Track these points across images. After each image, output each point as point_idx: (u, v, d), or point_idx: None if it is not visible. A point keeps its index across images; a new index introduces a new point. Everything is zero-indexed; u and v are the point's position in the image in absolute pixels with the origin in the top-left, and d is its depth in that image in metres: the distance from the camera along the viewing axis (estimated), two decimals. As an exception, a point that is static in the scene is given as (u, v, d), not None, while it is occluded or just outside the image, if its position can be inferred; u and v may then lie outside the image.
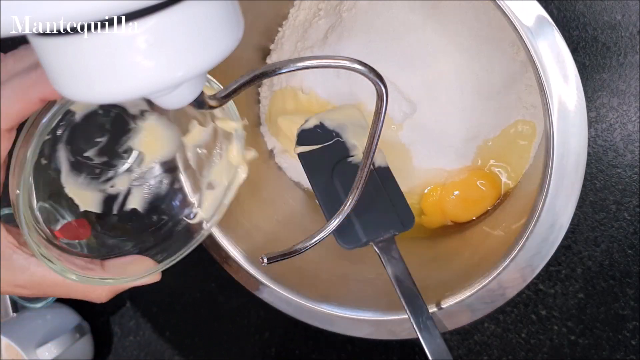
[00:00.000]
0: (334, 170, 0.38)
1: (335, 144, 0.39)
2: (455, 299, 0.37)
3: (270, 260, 0.33)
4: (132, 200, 0.35)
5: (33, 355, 0.53)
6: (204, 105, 0.23)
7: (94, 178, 0.34)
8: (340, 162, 0.38)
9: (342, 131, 0.39)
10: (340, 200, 0.36)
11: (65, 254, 0.32)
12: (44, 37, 0.19)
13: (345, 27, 0.44)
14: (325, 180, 0.38)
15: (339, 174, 0.38)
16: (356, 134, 0.39)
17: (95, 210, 0.34)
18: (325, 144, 0.38)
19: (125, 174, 0.35)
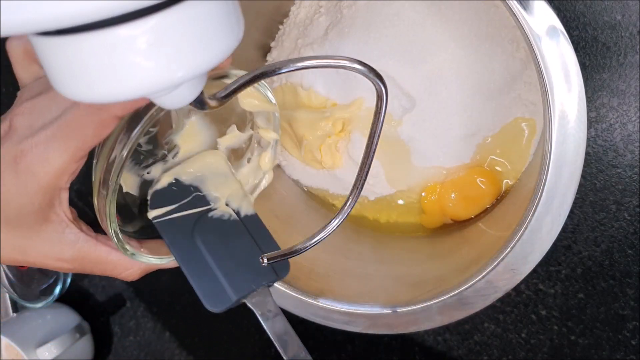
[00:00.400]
0: (194, 230, 0.35)
1: (193, 200, 0.35)
2: (451, 293, 0.38)
3: (270, 260, 0.33)
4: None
5: (33, 355, 0.53)
6: (204, 105, 0.23)
7: (137, 163, 0.35)
8: (201, 219, 0.35)
9: (201, 184, 0.35)
10: (205, 262, 0.34)
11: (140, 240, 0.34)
12: (44, 37, 0.19)
13: (345, 24, 0.44)
14: (188, 244, 0.34)
15: (200, 234, 0.34)
16: (217, 184, 0.36)
17: (133, 193, 0.35)
18: (182, 202, 0.35)
19: (160, 163, 0.36)
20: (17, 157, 0.27)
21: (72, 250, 0.30)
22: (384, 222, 0.48)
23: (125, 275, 0.33)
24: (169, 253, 0.34)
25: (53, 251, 0.30)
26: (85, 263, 0.31)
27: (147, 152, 0.35)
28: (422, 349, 0.51)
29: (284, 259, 0.33)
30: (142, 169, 0.35)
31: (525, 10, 0.32)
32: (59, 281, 0.59)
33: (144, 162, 0.35)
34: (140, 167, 0.35)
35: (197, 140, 0.36)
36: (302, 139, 0.45)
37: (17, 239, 0.29)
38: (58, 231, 0.30)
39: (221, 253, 0.34)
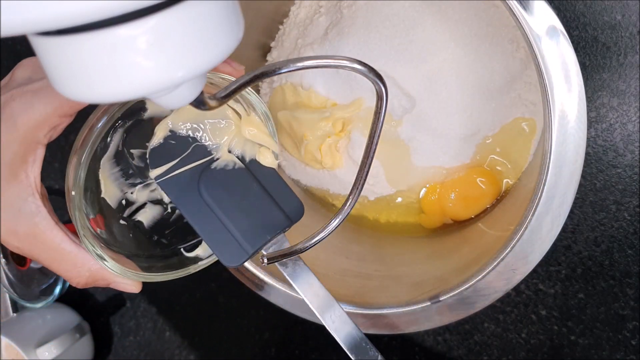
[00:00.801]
0: (200, 185, 0.33)
1: (193, 151, 0.33)
2: (451, 293, 0.38)
3: (270, 260, 0.33)
4: (143, 214, 0.36)
5: (33, 355, 0.53)
6: (203, 105, 0.23)
7: (123, 176, 0.34)
8: (204, 172, 0.33)
9: (197, 132, 0.34)
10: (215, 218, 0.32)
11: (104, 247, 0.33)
12: (44, 37, 0.19)
13: (345, 24, 0.44)
14: (194, 200, 0.33)
15: (205, 187, 0.33)
16: (215, 131, 0.34)
17: (110, 204, 0.34)
18: (182, 156, 0.33)
19: (147, 188, 0.35)
20: (5, 103, 0.27)
21: (28, 224, 0.29)
22: (384, 222, 0.48)
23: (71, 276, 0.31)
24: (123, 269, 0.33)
25: (8, 220, 0.29)
26: (36, 244, 0.30)
27: (137, 169, 0.34)
28: (422, 349, 0.51)
29: (284, 259, 0.33)
30: (127, 186, 0.34)
31: (525, 10, 0.32)
32: (59, 281, 0.59)
33: (130, 179, 0.35)
34: (126, 182, 0.34)
35: None
36: (302, 139, 0.45)
37: None
38: (21, 197, 0.29)
39: (230, 206, 0.33)
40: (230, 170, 0.34)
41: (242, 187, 0.33)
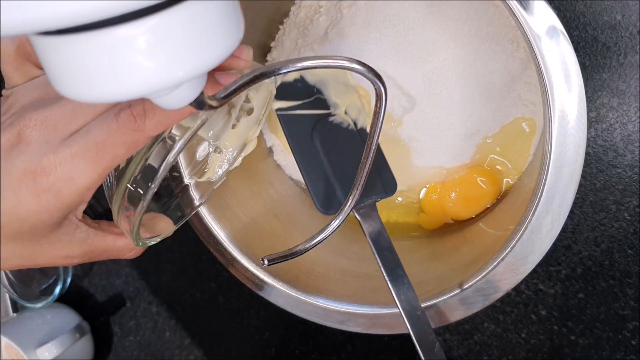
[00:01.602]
0: (314, 130, 0.36)
1: (315, 101, 0.36)
2: (451, 293, 0.38)
3: (270, 262, 0.33)
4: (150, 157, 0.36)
5: (33, 355, 0.53)
6: (203, 105, 0.23)
7: None
8: (321, 122, 0.36)
9: (323, 87, 0.37)
10: (320, 164, 0.34)
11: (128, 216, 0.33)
12: (44, 37, 0.19)
13: (345, 24, 0.44)
14: (306, 142, 0.35)
15: (319, 135, 0.36)
16: (338, 92, 0.37)
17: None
18: (305, 100, 0.36)
19: None
20: (36, 174, 0.25)
21: (82, 247, 0.30)
22: (384, 222, 0.48)
23: (130, 255, 0.33)
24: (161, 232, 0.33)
25: (63, 252, 0.29)
26: (94, 255, 0.31)
27: None
28: (422, 349, 0.51)
29: (284, 260, 0.33)
30: None
31: (525, 10, 0.32)
32: (59, 281, 0.59)
33: None
34: None
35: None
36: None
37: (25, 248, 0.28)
38: (69, 233, 0.29)
39: (337, 158, 0.35)
40: (344, 128, 0.36)
41: (350, 146, 0.35)
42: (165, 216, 0.35)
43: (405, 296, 0.34)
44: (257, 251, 0.43)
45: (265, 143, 0.50)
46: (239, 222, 0.44)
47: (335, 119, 0.36)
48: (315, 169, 0.34)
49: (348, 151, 0.35)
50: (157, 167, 0.28)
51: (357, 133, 0.37)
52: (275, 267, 0.41)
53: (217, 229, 0.42)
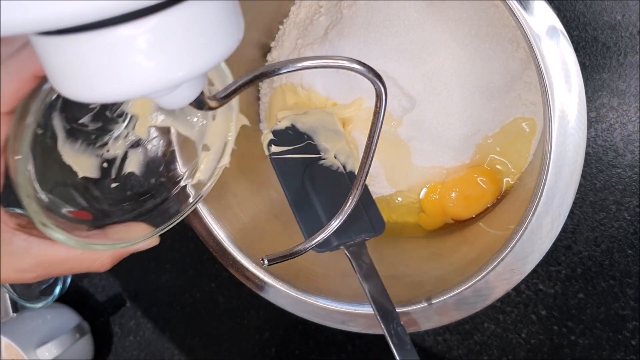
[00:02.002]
0: (305, 173, 0.38)
1: (306, 147, 0.38)
2: (451, 293, 0.38)
3: (270, 262, 0.33)
4: (130, 164, 0.35)
5: (33, 355, 0.53)
6: (203, 105, 0.23)
7: (90, 144, 0.34)
8: (311, 165, 0.38)
9: (313, 134, 0.39)
10: (311, 204, 0.36)
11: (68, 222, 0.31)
12: (44, 37, 0.19)
13: (345, 24, 0.44)
14: (297, 183, 0.37)
15: (309, 177, 0.37)
16: (328, 138, 0.39)
17: (93, 176, 0.34)
18: (296, 146, 0.38)
19: (121, 138, 0.35)
20: None
21: (27, 258, 0.29)
22: (383, 222, 0.48)
23: (97, 267, 0.31)
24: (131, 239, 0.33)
25: (10, 265, 0.28)
26: (48, 267, 0.30)
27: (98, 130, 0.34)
28: (422, 349, 0.51)
29: (284, 260, 0.33)
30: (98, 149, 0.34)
31: (525, 10, 0.32)
32: (59, 281, 0.59)
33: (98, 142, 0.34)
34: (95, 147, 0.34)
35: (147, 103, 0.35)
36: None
37: None
38: (7, 243, 0.28)
39: (327, 198, 0.36)
40: (333, 170, 0.38)
41: (339, 188, 0.37)
42: (138, 223, 0.34)
43: (395, 331, 0.35)
44: (257, 251, 0.43)
45: (265, 143, 0.50)
46: (239, 222, 0.44)
47: (325, 162, 0.38)
48: (306, 209, 0.35)
49: (337, 192, 0.36)
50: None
51: (345, 175, 0.38)
52: (275, 267, 0.42)
53: (217, 229, 0.42)
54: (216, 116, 0.35)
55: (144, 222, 0.34)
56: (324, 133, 0.39)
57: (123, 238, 0.33)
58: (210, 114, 0.36)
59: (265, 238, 0.45)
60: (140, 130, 0.35)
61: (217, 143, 0.36)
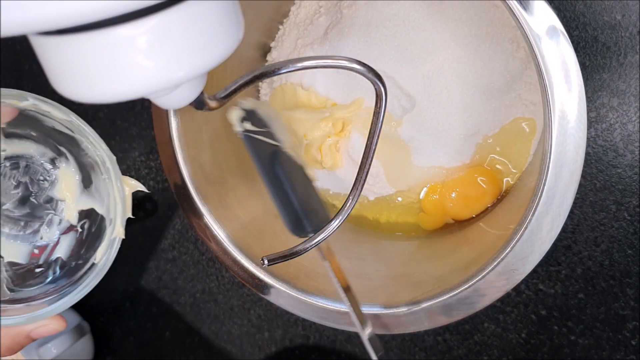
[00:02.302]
0: (275, 158, 0.36)
1: (268, 133, 0.37)
2: (451, 293, 0.38)
3: (270, 262, 0.33)
4: (59, 249, 0.35)
5: (33, 355, 0.53)
6: (203, 105, 0.23)
7: (20, 230, 0.34)
8: (278, 151, 0.37)
9: (271, 123, 0.38)
10: (284, 187, 0.35)
11: None
12: (44, 37, 0.19)
13: (345, 24, 0.44)
14: (269, 167, 0.36)
15: (278, 162, 0.36)
16: (282, 131, 0.38)
17: (21, 262, 0.34)
18: (263, 129, 0.37)
19: (54, 224, 0.35)
20: None
21: None
22: (384, 222, 0.48)
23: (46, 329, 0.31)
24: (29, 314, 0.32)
25: None
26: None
27: (26, 216, 0.34)
28: (422, 349, 0.51)
29: (284, 260, 0.33)
30: (30, 236, 0.34)
31: (525, 10, 0.32)
32: (59, 281, 0.59)
33: (28, 228, 0.34)
34: (26, 234, 0.34)
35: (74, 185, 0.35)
36: (302, 139, 0.45)
37: None
38: None
39: (295, 185, 0.36)
40: (295, 161, 0.38)
41: (303, 179, 0.36)
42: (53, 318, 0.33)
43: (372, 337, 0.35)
44: (257, 251, 0.43)
45: (265, 143, 0.50)
46: (239, 222, 0.44)
47: (288, 152, 0.37)
48: (281, 193, 0.35)
49: (301, 182, 0.36)
50: None
51: (303, 168, 0.38)
52: (275, 267, 0.42)
53: (217, 229, 0.42)
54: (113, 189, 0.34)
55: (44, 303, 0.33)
56: (278, 124, 0.38)
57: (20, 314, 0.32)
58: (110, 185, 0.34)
59: (265, 238, 0.45)
60: (70, 216, 0.35)
61: (113, 214, 0.34)
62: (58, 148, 0.34)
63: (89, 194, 0.35)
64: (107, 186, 0.33)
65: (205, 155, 0.43)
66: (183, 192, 0.42)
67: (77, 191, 0.35)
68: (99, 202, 0.35)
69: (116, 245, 0.33)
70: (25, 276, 0.34)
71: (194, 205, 0.42)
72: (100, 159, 0.33)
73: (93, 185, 0.35)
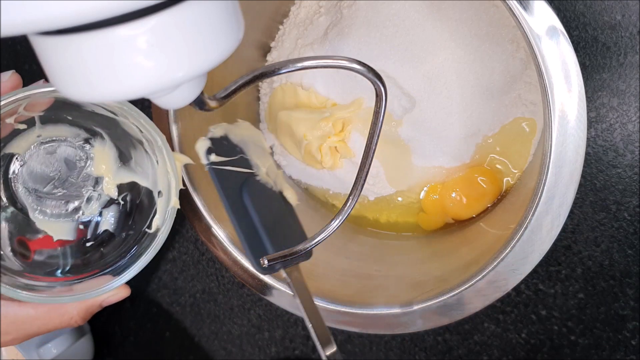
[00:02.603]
0: (243, 187, 0.36)
1: (241, 159, 0.36)
2: (451, 293, 0.38)
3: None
4: (104, 223, 0.36)
5: (33, 355, 0.53)
6: (203, 105, 0.23)
7: (61, 209, 0.36)
8: (248, 180, 0.36)
9: (245, 148, 0.37)
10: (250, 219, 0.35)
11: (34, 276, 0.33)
12: (44, 37, 0.19)
13: (345, 24, 0.44)
14: (236, 197, 0.36)
15: (248, 192, 0.36)
16: (257, 155, 0.37)
17: (69, 239, 0.36)
18: (233, 158, 0.36)
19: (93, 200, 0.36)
20: None
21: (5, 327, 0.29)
22: (384, 222, 0.48)
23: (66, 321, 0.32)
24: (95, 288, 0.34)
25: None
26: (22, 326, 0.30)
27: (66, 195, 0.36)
28: (422, 349, 0.51)
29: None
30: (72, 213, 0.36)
31: (525, 10, 0.32)
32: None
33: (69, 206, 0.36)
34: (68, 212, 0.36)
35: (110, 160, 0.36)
36: (302, 139, 0.45)
37: None
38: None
39: (265, 214, 0.35)
40: (268, 188, 0.37)
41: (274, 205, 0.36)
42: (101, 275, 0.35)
43: None
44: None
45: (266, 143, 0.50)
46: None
47: (260, 179, 0.37)
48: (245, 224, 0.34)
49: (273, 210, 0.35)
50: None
51: (279, 195, 0.37)
52: (275, 267, 0.42)
53: (217, 229, 0.42)
54: (158, 161, 0.36)
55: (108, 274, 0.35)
56: (254, 148, 0.37)
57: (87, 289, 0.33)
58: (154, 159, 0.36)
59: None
60: (109, 190, 0.37)
61: (165, 187, 0.36)
62: (93, 129, 0.36)
63: (128, 169, 0.37)
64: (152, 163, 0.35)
65: (205, 155, 0.43)
66: (183, 192, 0.42)
67: (114, 166, 0.36)
68: (141, 175, 0.36)
69: (173, 214, 0.36)
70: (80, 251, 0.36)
71: (194, 205, 0.42)
72: (146, 138, 0.34)
73: (133, 160, 0.36)
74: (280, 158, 0.50)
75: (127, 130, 0.35)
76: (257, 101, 0.50)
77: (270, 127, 0.49)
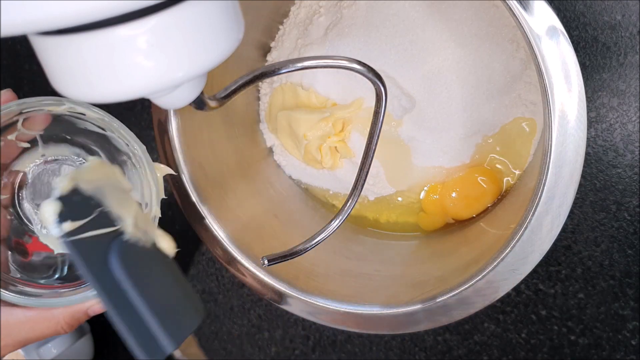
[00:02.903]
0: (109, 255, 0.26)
1: (99, 217, 0.27)
2: (451, 293, 0.38)
3: (270, 262, 0.33)
4: None
5: (33, 355, 0.53)
6: (203, 105, 0.23)
7: None
8: (113, 243, 0.27)
9: (102, 197, 0.27)
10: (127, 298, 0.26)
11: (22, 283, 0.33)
12: (44, 37, 0.19)
13: (345, 24, 0.44)
14: (104, 271, 0.26)
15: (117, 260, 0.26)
16: (118, 201, 0.28)
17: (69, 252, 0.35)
18: (88, 218, 0.26)
19: None
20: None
21: None
22: (384, 222, 0.48)
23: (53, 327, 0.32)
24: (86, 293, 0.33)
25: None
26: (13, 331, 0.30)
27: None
28: (422, 349, 0.51)
29: (284, 260, 0.33)
30: None
31: (525, 10, 0.32)
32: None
33: None
34: None
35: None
36: (301, 139, 0.45)
37: None
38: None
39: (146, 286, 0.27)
40: (140, 246, 0.28)
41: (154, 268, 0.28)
42: None
43: None
44: (257, 251, 0.43)
45: (265, 143, 0.50)
46: (239, 222, 0.44)
47: (128, 238, 0.27)
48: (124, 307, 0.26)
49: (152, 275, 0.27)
50: None
51: (155, 251, 0.28)
52: (275, 267, 0.41)
53: (217, 229, 0.42)
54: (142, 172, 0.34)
55: None
56: (112, 194, 0.28)
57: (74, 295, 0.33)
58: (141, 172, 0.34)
59: (265, 238, 0.45)
60: None
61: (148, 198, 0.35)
62: (90, 147, 0.36)
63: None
64: (140, 175, 0.34)
65: (205, 155, 0.43)
66: (183, 192, 0.42)
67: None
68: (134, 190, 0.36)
69: (155, 223, 0.34)
70: None
71: (194, 205, 0.42)
72: (131, 150, 0.34)
73: (126, 176, 0.36)
74: (280, 158, 0.50)
75: (117, 146, 0.35)
76: (257, 101, 0.50)
77: (270, 127, 0.49)
